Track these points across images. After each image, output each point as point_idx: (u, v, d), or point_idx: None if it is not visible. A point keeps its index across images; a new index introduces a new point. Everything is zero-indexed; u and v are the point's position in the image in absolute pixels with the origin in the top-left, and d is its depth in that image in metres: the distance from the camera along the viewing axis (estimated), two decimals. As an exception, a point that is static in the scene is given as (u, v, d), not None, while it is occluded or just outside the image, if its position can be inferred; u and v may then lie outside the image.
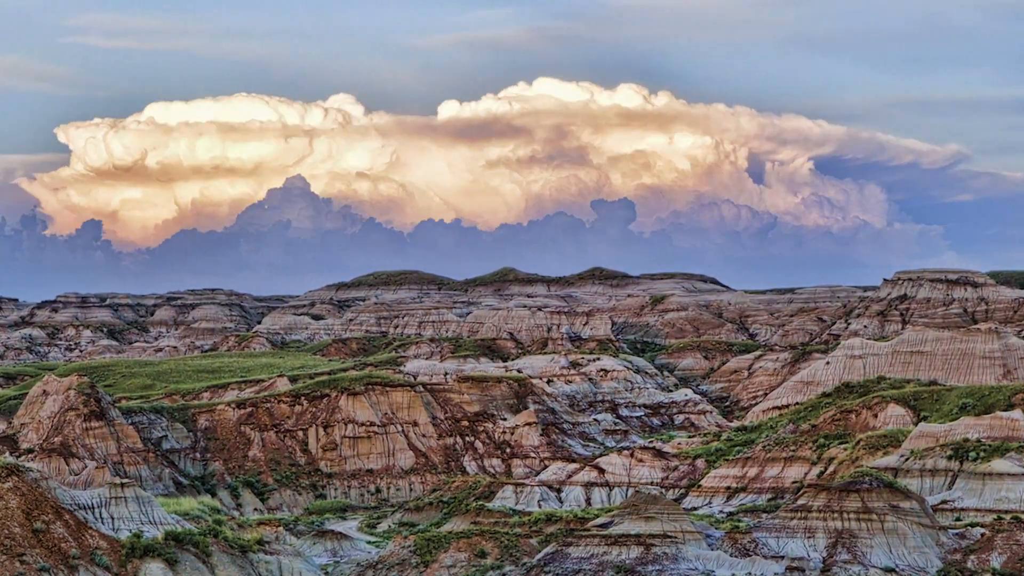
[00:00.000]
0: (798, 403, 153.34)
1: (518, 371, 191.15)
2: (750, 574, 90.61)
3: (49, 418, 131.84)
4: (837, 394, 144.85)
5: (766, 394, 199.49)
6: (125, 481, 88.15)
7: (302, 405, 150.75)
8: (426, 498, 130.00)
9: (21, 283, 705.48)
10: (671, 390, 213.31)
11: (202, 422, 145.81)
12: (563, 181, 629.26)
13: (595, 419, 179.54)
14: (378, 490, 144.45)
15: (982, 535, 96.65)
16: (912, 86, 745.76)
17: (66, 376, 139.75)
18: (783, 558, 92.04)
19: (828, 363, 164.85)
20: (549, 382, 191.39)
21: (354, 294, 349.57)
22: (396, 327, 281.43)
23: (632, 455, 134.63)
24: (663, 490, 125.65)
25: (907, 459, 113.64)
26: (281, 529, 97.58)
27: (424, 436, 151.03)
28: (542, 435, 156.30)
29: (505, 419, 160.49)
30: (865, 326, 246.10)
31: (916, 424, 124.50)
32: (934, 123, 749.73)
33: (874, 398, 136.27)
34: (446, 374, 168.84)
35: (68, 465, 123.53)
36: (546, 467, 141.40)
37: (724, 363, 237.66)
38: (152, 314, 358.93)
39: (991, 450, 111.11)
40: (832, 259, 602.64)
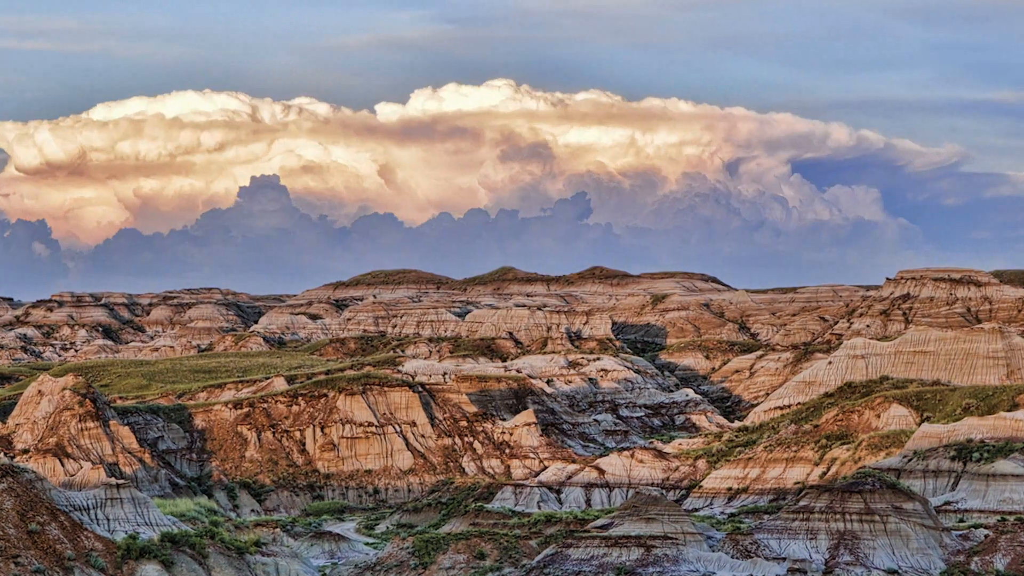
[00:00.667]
0: (800, 403, 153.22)
1: (517, 371, 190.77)
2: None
3: (44, 418, 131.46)
4: (839, 394, 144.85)
5: (768, 394, 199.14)
6: (121, 482, 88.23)
7: (299, 405, 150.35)
8: (424, 499, 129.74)
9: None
10: (672, 390, 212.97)
11: (198, 422, 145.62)
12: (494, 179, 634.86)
13: (595, 419, 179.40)
14: (376, 491, 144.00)
15: (986, 537, 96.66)
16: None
17: (61, 376, 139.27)
18: (785, 560, 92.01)
19: (830, 363, 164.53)
20: (549, 382, 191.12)
21: (352, 293, 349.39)
22: (394, 327, 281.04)
23: (632, 456, 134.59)
24: (664, 491, 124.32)
25: (910, 460, 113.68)
26: (278, 530, 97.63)
27: (422, 437, 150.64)
28: (542, 436, 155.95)
29: (504, 419, 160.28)
30: (868, 325, 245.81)
31: (919, 425, 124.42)
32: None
33: (877, 398, 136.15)
34: (445, 374, 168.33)
35: (63, 466, 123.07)
36: (546, 468, 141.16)
37: (725, 363, 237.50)
38: (148, 313, 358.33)
39: (995, 451, 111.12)
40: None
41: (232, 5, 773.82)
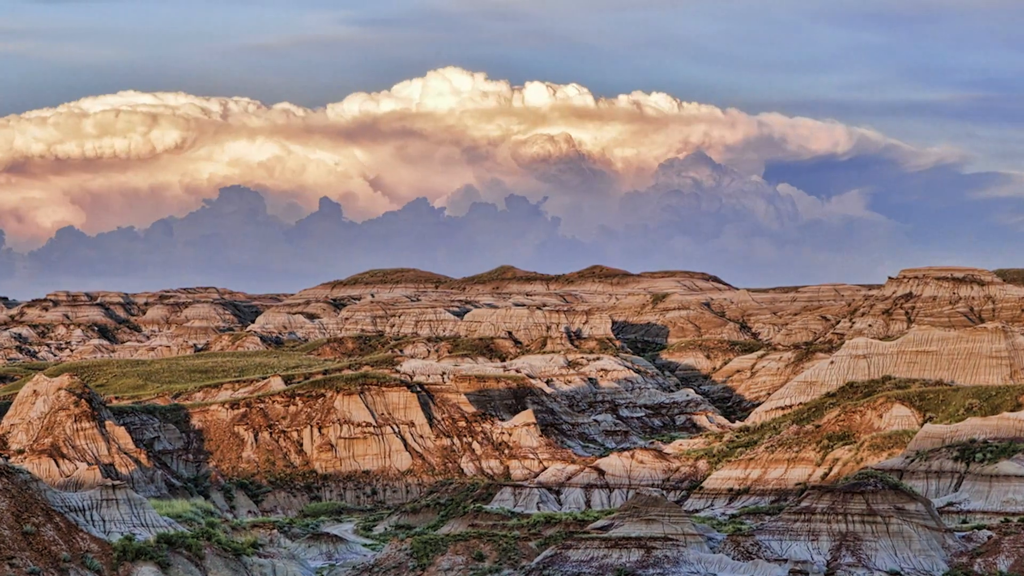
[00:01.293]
0: (801, 403, 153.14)
1: (516, 371, 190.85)
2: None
3: (39, 419, 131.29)
4: (841, 394, 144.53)
5: (769, 394, 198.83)
6: (116, 483, 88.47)
7: (297, 405, 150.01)
8: (423, 500, 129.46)
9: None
10: (672, 390, 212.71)
11: (195, 422, 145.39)
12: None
13: (595, 420, 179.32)
14: (374, 492, 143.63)
15: (989, 538, 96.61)
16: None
17: (56, 376, 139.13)
18: (786, 561, 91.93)
19: (832, 363, 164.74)
20: (548, 382, 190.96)
21: (349, 292, 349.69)
22: (392, 326, 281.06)
23: (633, 456, 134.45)
24: (664, 492, 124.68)
25: (912, 460, 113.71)
26: (275, 532, 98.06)
27: (421, 437, 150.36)
28: (541, 436, 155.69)
29: (503, 420, 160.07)
30: (870, 325, 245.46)
31: (922, 425, 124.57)
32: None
33: (879, 398, 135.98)
34: (443, 374, 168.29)
35: (59, 467, 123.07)
36: (545, 468, 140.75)
37: (726, 363, 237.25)
38: (144, 312, 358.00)
39: (998, 451, 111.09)
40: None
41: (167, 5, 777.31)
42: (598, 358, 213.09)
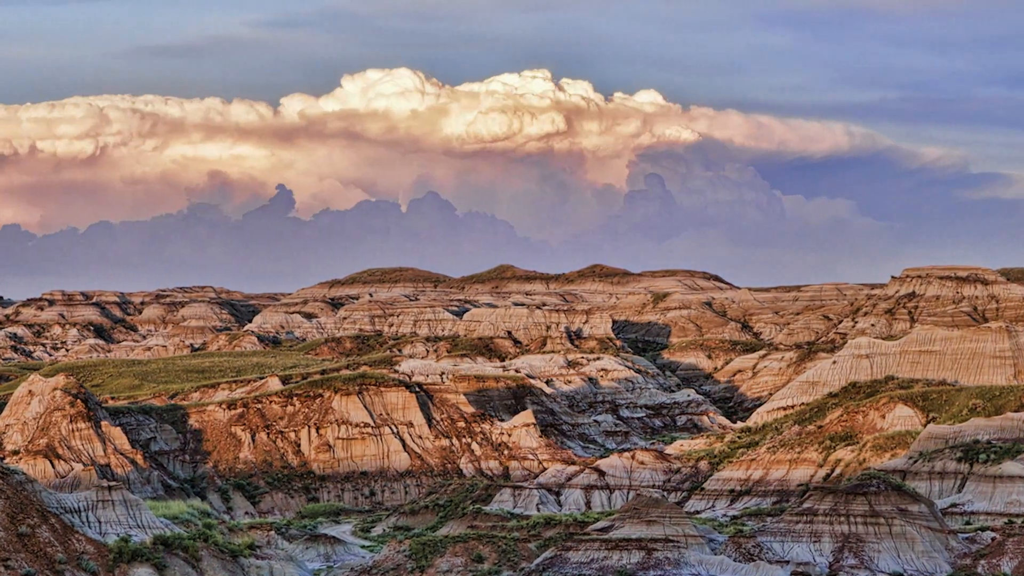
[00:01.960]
0: (804, 404, 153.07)
1: (516, 371, 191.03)
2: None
3: (34, 419, 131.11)
4: (844, 394, 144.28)
5: (771, 394, 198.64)
6: (112, 484, 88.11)
7: (294, 406, 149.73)
8: (422, 501, 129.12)
9: None
10: (673, 390, 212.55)
11: (192, 423, 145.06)
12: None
13: (595, 420, 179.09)
14: (372, 493, 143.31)
15: (992, 539, 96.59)
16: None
17: (52, 376, 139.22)
18: (788, 563, 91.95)
19: (834, 362, 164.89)
20: (548, 382, 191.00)
21: (347, 292, 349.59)
22: (391, 325, 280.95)
23: (633, 457, 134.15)
24: (665, 493, 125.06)
25: (916, 461, 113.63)
26: (273, 533, 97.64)
27: (420, 437, 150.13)
28: (541, 436, 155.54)
29: (503, 420, 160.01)
30: (872, 324, 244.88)
31: (925, 425, 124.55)
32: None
33: (882, 398, 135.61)
34: (442, 374, 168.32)
35: (54, 467, 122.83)
36: (545, 469, 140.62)
37: (728, 362, 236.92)
38: (140, 312, 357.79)
39: (1002, 452, 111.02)
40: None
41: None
42: (598, 358, 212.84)
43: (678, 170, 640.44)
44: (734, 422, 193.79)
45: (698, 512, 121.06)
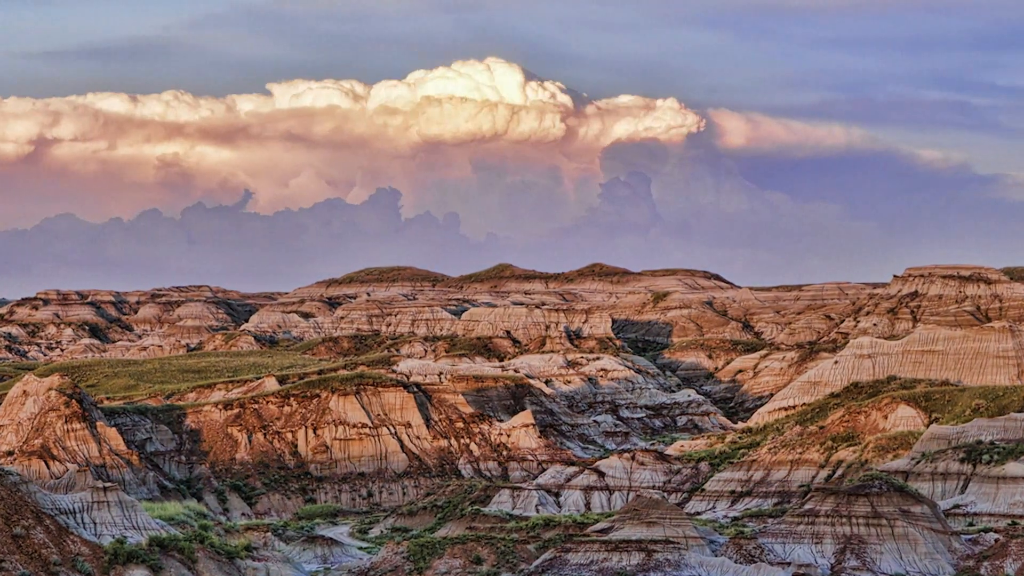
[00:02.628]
0: (805, 404, 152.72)
1: (515, 371, 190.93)
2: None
3: (29, 419, 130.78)
4: (846, 394, 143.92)
5: (772, 394, 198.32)
6: (108, 485, 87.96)
7: (291, 406, 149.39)
8: (420, 502, 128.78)
9: None
10: (673, 390, 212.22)
11: (188, 423, 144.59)
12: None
13: (595, 421, 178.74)
14: (370, 494, 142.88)
15: (996, 541, 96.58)
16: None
17: (47, 376, 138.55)
18: (789, 565, 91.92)
19: (836, 362, 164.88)
20: (547, 382, 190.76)
21: (345, 291, 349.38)
22: (388, 325, 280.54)
23: (633, 458, 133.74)
24: (665, 494, 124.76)
25: (918, 462, 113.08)
26: (269, 535, 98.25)
27: (418, 438, 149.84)
28: (540, 437, 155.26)
29: (502, 420, 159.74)
30: (875, 324, 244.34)
31: (927, 426, 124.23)
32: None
33: (884, 399, 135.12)
34: (440, 374, 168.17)
35: (49, 468, 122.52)
36: (544, 470, 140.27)
37: (728, 362, 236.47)
38: (136, 311, 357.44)
39: (1005, 452, 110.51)
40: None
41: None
42: (598, 358, 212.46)
43: (671, 168, 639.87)
44: (735, 422, 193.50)
45: (698, 513, 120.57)
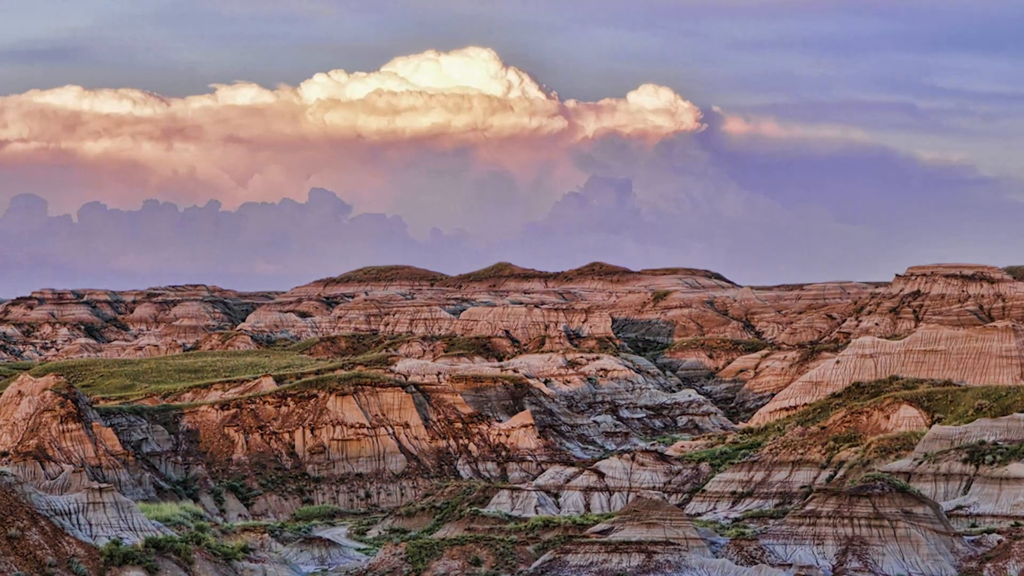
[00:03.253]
0: (807, 404, 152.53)
1: (514, 371, 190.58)
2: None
3: (24, 420, 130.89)
4: (847, 395, 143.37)
5: (773, 394, 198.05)
6: (103, 486, 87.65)
7: (288, 406, 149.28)
8: (418, 503, 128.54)
9: None
10: (674, 391, 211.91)
11: (184, 424, 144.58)
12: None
13: (594, 421, 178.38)
14: (368, 495, 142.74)
15: (999, 542, 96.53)
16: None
17: (42, 376, 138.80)
18: (791, 566, 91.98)
19: (838, 362, 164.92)
20: (546, 382, 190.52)
21: (343, 290, 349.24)
22: (386, 325, 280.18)
23: (633, 458, 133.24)
24: (665, 495, 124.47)
25: (920, 462, 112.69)
26: (266, 536, 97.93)
27: (416, 438, 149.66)
28: (539, 437, 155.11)
29: (500, 421, 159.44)
30: (876, 324, 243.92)
31: (930, 426, 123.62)
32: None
33: (886, 399, 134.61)
34: (439, 374, 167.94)
35: (44, 469, 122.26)
36: (543, 471, 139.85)
37: (729, 362, 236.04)
38: (132, 311, 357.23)
39: (1008, 453, 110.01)
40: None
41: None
42: (598, 357, 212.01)
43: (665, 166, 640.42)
44: (736, 423, 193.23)
45: (699, 514, 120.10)
